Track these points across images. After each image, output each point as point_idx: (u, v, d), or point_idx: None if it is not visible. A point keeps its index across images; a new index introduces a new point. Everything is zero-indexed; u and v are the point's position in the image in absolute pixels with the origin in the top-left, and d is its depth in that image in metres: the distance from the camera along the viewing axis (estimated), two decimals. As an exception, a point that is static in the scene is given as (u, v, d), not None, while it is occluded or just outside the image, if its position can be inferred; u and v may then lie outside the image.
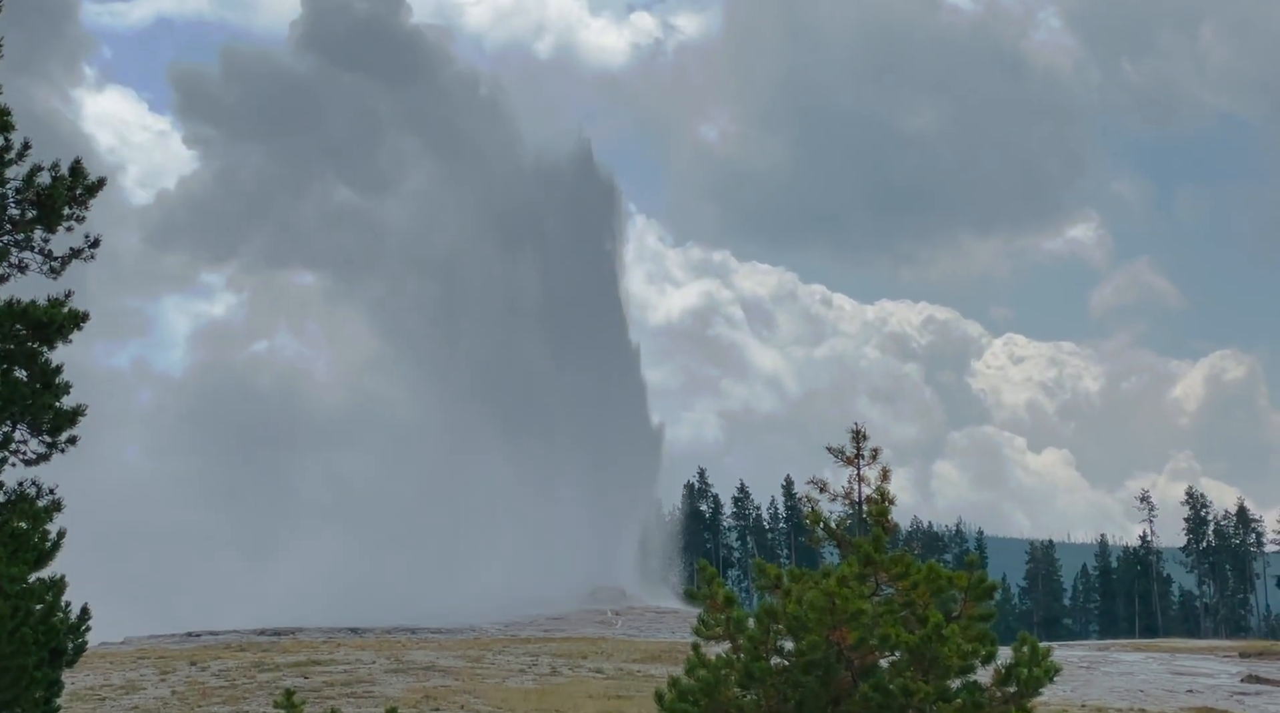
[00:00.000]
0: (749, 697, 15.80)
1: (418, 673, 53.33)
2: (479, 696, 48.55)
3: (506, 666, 56.84)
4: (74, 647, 15.75)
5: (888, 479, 17.10)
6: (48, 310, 16.82)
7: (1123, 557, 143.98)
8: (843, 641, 15.37)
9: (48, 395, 16.73)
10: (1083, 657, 66.86)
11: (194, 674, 53.00)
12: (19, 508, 15.42)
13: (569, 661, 59.33)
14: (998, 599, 16.76)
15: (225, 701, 47.33)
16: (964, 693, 15.31)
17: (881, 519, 16.56)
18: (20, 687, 14.23)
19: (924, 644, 15.16)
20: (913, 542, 17.91)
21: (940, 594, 16.03)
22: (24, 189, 17.16)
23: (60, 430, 16.98)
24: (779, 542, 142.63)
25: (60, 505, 16.31)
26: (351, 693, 48.33)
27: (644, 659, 60.76)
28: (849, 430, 17.37)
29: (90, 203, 17.47)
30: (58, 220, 17.35)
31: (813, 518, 17.12)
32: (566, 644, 67.64)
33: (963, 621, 15.90)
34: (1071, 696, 51.54)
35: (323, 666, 54.87)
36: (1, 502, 15.43)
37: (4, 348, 16.38)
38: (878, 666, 15.67)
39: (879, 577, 16.31)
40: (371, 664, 55.23)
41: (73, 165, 17.48)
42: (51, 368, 16.88)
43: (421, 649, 62.06)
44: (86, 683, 48.93)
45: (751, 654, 15.79)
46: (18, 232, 17.25)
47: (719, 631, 16.45)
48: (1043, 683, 15.48)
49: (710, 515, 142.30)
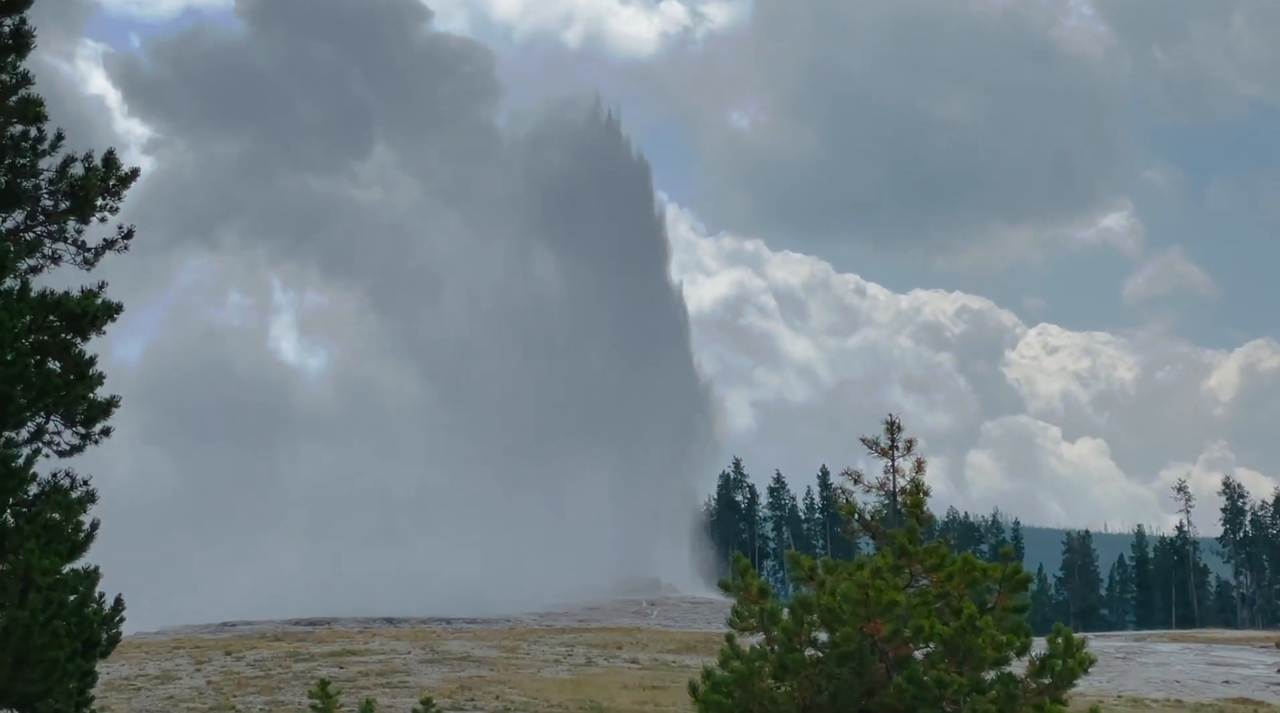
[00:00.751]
0: (783, 688, 15.75)
1: (453, 663, 53.43)
2: (514, 686, 48.60)
3: (541, 656, 56.88)
4: (108, 638, 15.77)
5: (923, 470, 17.03)
6: (81, 302, 16.84)
7: (1159, 547, 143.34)
8: (877, 632, 15.31)
9: (81, 387, 16.75)
10: (1119, 648, 66.57)
11: (229, 664, 53.18)
12: (52, 499, 15.43)
13: (604, 651, 59.36)
14: (1033, 590, 16.69)
15: (260, 690, 47.48)
16: (998, 685, 15.23)
17: (916, 511, 16.49)
18: (53, 679, 14.24)
19: (958, 636, 15.09)
20: (948, 533, 17.76)
21: (975, 586, 15.95)
22: (57, 180, 17.18)
23: (94, 422, 17.00)
24: (814, 532, 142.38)
25: (94, 497, 16.33)
26: (387, 683, 48.44)
27: (679, 650, 60.74)
28: (884, 422, 17.29)
29: (123, 193, 17.49)
30: (90, 211, 17.36)
31: (847, 510, 17.05)
32: (601, 635, 67.66)
33: (997, 612, 15.82)
34: (1108, 687, 51.32)
35: (358, 656, 55.00)
36: (35, 493, 15.45)
37: (38, 339, 16.40)
38: (912, 657, 15.60)
39: (914, 568, 16.24)
40: (407, 655, 55.34)
41: (106, 156, 17.49)
42: (85, 359, 16.90)
43: (457, 640, 62.15)
44: (122, 673, 49.14)
45: (785, 646, 15.74)
46: (51, 223, 17.27)
47: (753, 622, 16.41)
48: (1077, 675, 15.39)
49: (746, 506, 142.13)
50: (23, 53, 16.89)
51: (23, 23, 16.87)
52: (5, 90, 16.74)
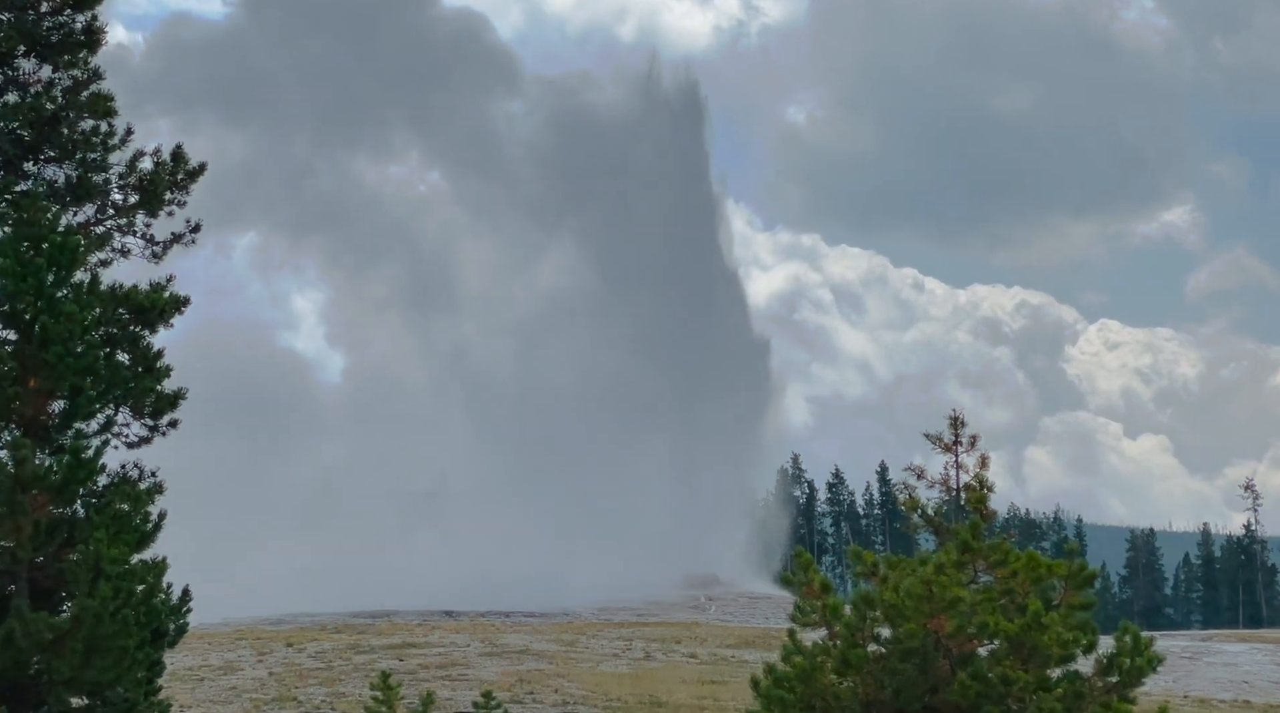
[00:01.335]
0: (845, 684, 15.71)
1: (512, 657, 53.58)
2: (573, 680, 48.69)
3: (600, 650, 56.96)
4: (175, 628, 15.90)
5: (986, 466, 16.95)
6: (149, 295, 17.00)
7: (1226, 546, 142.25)
8: (940, 629, 15.25)
9: (149, 379, 16.90)
10: (1185, 647, 66.10)
11: (290, 656, 53.50)
12: (121, 490, 15.57)
13: (663, 645, 59.38)
14: (1097, 588, 16.57)
15: (322, 682, 47.75)
16: (1065, 683, 15.15)
17: (980, 506, 16.42)
18: (122, 667, 14.37)
19: (1023, 633, 15.01)
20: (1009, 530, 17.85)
21: (1040, 583, 15.86)
22: (126, 174, 17.35)
23: (161, 414, 17.16)
24: (873, 528, 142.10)
25: (161, 488, 16.50)
26: (446, 676, 48.62)
27: (737, 645, 60.71)
28: (947, 417, 17.23)
29: (191, 188, 17.65)
30: (159, 205, 17.54)
31: (910, 505, 17.00)
32: (660, 629, 67.69)
33: (1063, 609, 15.73)
34: (1174, 687, 50.96)
35: (418, 648, 55.23)
36: (104, 484, 15.59)
37: (107, 332, 16.57)
38: (976, 654, 15.53)
39: (977, 564, 16.17)
40: (466, 648, 55.53)
41: (174, 151, 17.66)
42: (153, 352, 17.06)
43: (516, 633, 62.31)
44: (185, 664, 49.50)
45: (848, 641, 15.70)
46: (120, 217, 17.44)
47: (815, 617, 16.36)
48: (1145, 673, 15.28)
49: (804, 501, 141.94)
50: (94, 49, 17.06)
51: (94, 19, 17.05)
52: (77, 85, 16.92)
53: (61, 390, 14.81)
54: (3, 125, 16.89)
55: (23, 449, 14.36)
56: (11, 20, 16.89)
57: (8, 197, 16.76)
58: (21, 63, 17.13)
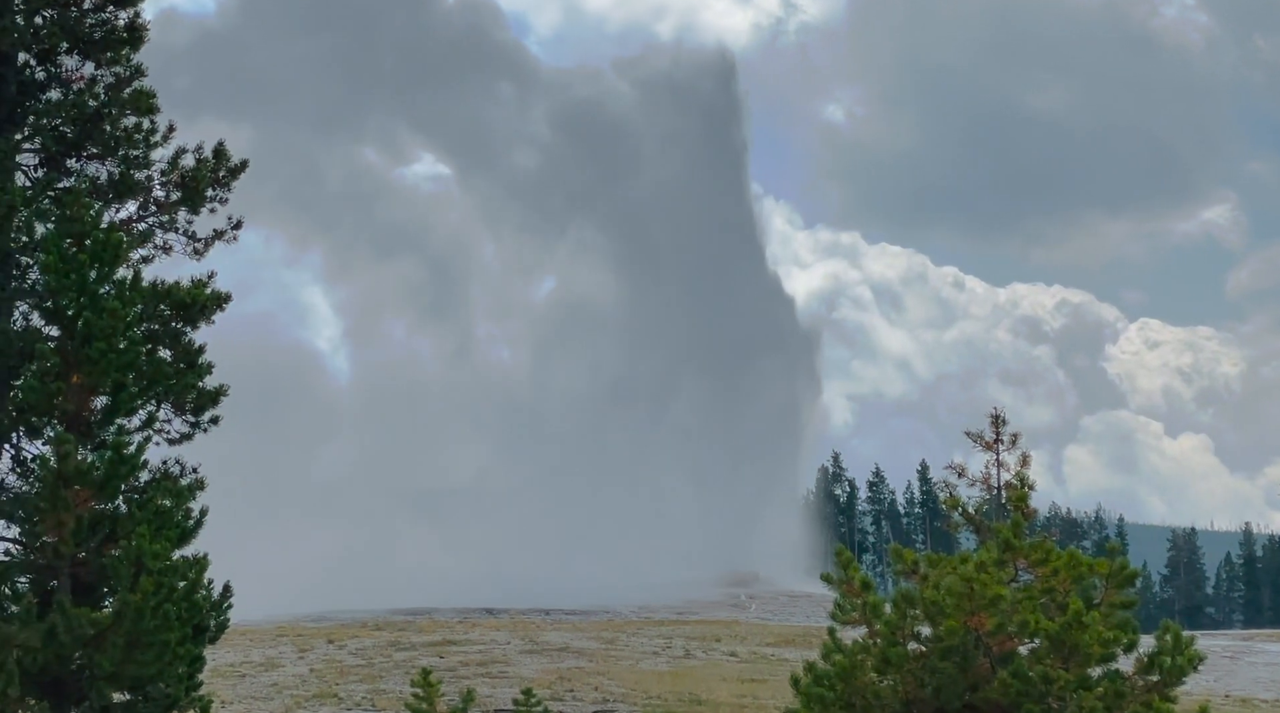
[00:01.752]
0: (885, 682, 15.67)
1: (552, 654, 53.62)
2: (613, 677, 48.71)
3: (640, 648, 56.96)
4: (216, 624, 15.95)
5: (1028, 465, 16.87)
6: (191, 291, 17.06)
7: (1268, 545, 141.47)
8: (981, 627, 15.19)
9: (191, 375, 16.96)
10: (1226, 647, 65.77)
11: (331, 653, 53.65)
12: (163, 486, 15.63)
13: (702, 643, 59.35)
14: (1138, 588, 16.47)
15: (362, 679, 47.88)
16: (1105, 682, 15.07)
17: (1021, 505, 16.35)
18: (163, 662, 14.42)
19: (1064, 632, 14.94)
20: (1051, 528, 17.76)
21: (1081, 581, 15.79)
22: (169, 171, 17.40)
23: (203, 410, 17.22)
24: (914, 527, 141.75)
25: (203, 484, 16.54)
26: (487, 673, 48.70)
27: (777, 643, 60.64)
28: (988, 415, 17.16)
29: (233, 184, 17.69)
30: (201, 202, 17.59)
31: (951, 503, 16.94)
32: (700, 627, 67.67)
33: (1104, 608, 15.65)
34: (1215, 686, 50.69)
35: (458, 646, 55.32)
36: (146, 480, 15.64)
37: (149, 328, 16.63)
38: (1016, 653, 15.47)
39: (1018, 563, 16.10)
40: (506, 645, 55.60)
41: (216, 148, 17.71)
42: (195, 348, 17.12)
43: (556, 631, 62.37)
44: (227, 660, 49.70)
45: (888, 640, 15.65)
46: (162, 213, 17.50)
47: (855, 615, 16.32)
48: (1186, 672, 15.19)
49: (845, 500, 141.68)
50: (137, 45, 17.11)
51: (136, 16, 17.10)
52: (119, 82, 16.98)
53: (104, 386, 14.88)
54: (45, 122, 16.97)
55: (65, 445, 14.43)
56: (54, 17, 16.97)
57: (51, 193, 16.84)
58: (64, 60, 17.20)
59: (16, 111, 17.08)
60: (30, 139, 17.07)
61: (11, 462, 16.39)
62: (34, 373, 14.98)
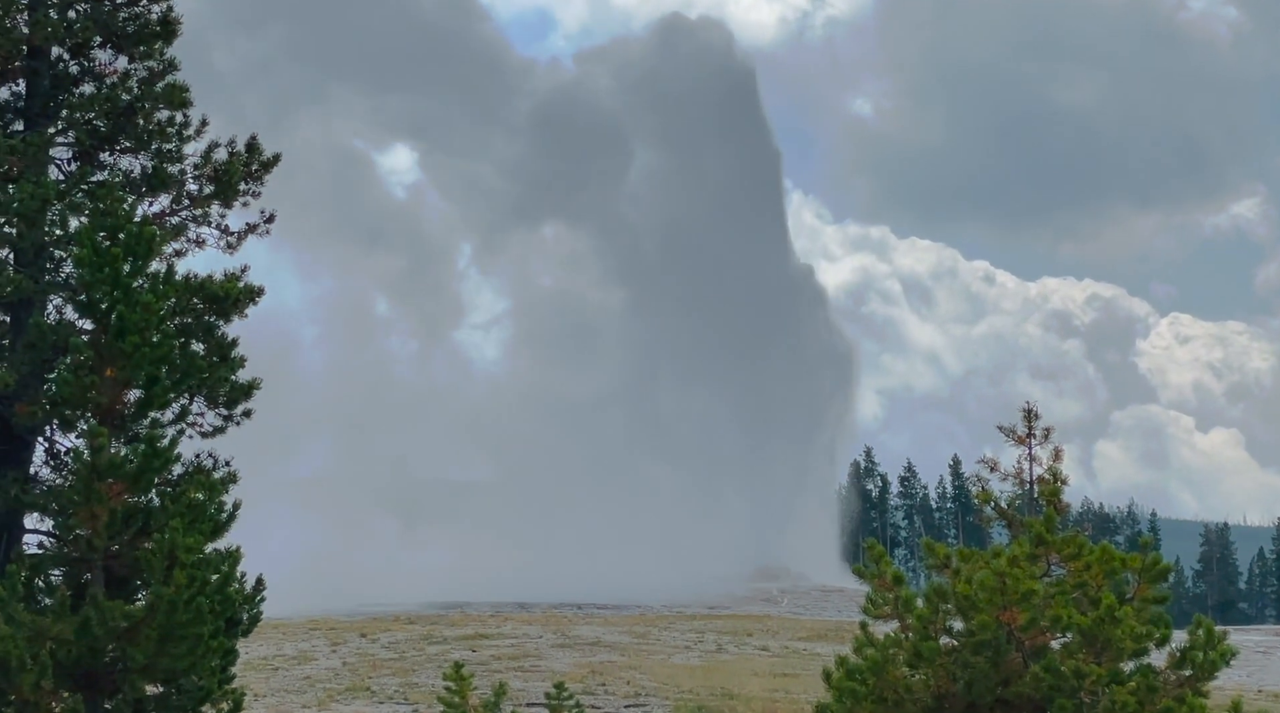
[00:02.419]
0: (917, 677, 15.65)
1: (584, 648, 53.65)
2: (645, 672, 48.71)
3: (672, 642, 56.97)
4: (249, 617, 16.01)
5: (1060, 459, 16.83)
6: (224, 285, 17.12)
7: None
8: (1013, 621, 15.16)
9: (224, 369, 17.02)
10: (1259, 642, 65.46)
11: (364, 646, 53.77)
12: (196, 479, 15.69)
13: (734, 638, 59.33)
14: (1171, 583, 16.41)
15: (395, 672, 47.97)
16: (1138, 676, 15.03)
17: (1054, 499, 16.31)
18: (197, 655, 14.48)
19: (1096, 626, 14.90)
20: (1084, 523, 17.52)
21: (1113, 576, 15.75)
22: (201, 165, 17.47)
23: (236, 403, 17.28)
24: (946, 521, 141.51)
25: (236, 477, 16.59)
26: (519, 667, 48.75)
27: (809, 638, 60.57)
28: (1020, 410, 17.12)
29: (266, 178, 17.75)
30: (234, 196, 17.65)
31: (983, 497, 16.91)
32: (732, 622, 67.62)
33: (1136, 603, 15.61)
34: (1248, 681, 50.49)
35: (490, 639, 55.39)
36: (179, 473, 15.71)
37: (182, 322, 16.69)
38: (1049, 647, 15.44)
39: (1050, 557, 16.06)
40: (538, 639, 55.65)
41: (249, 141, 17.77)
42: (227, 342, 17.18)
43: (588, 625, 62.40)
44: (260, 653, 49.82)
45: (920, 634, 15.63)
46: (195, 207, 17.57)
47: (887, 609, 16.30)
48: (1219, 667, 15.14)
49: (877, 495, 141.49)
50: (170, 39, 17.18)
51: (169, 10, 17.17)
52: (153, 76, 17.04)
53: (137, 380, 14.94)
54: (79, 116, 17.05)
55: (99, 438, 14.50)
56: (88, 11, 17.05)
57: (84, 187, 16.91)
58: (98, 53, 17.28)
59: (50, 105, 17.17)
60: (64, 133, 17.16)
61: (45, 455, 16.49)
62: (68, 366, 15.06)
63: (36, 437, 16.40)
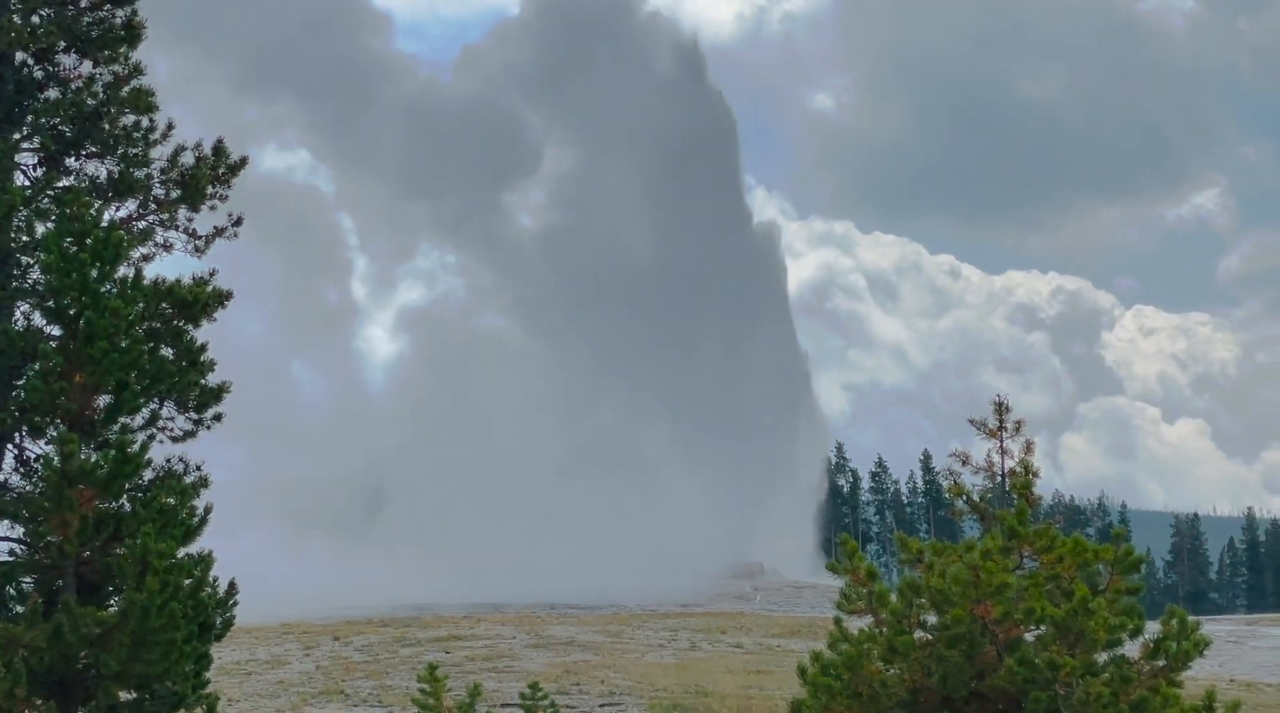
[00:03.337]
0: (892, 671, 15.67)
1: (558, 648, 53.63)
2: (619, 670, 48.71)
3: (646, 641, 56.99)
4: (222, 621, 15.97)
5: (1031, 452, 16.87)
6: (192, 289, 17.07)
7: (1271, 530, 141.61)
8: (987, 614, 15.19)
9: (194, 373, 16.97)
10: (1231, 631, 65.83)
11: (337, 649, 53.67)
12: (167, 484, 15.65)
13: (708, 636, 59.38)
14: (1143, 573, 16.47)
15: (369, 675, 47.87)
16: (1111, 667, 15.07)
17: (1025, 492, 16.35)
18: (170, 661, 14.44)
19: (1070, 618, 14.94)
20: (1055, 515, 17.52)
21: (1086, 568, 15.79)
22: (168, 169, 17.41)
23: (206, 407, 17.23)
24: (917, 516, 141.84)
25: (207, 481, 16.56)
26: (493, 668, 48.70)
27: (783, 634, 60.67)
28: (990, 402, 17.16)
29: (233, 182, 17.70)
30: (201, 199, 17.60)
31: (955, 491, 16.94)
32: (705, 619, 67.70)
33: (1109, 594, 15.65)
34: (1220, 670, 50.72)
35: (464, 641, 55.33)
36: (150, 479, 15.67)
37: (151, 326, 16.63)
38: (1022, 640, 15.47)
39: (1023, 550, 16.11)
40: (512, 639, 55.63)
41: (215, 144, 17.72)
42: (197, 346, 17.12)
43: (561, 625, 62.39)
44: (233, 658, 49.69)
45: (895, 628, 15.65)
46: (163, 211, 17.51)
47: (861, 604, 16.33)
48: (1192, 657, 15.20)
49: (848, 490, 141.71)
50: (134, 44, 17.13)
51: (134, 14, 17.11)
52: (118, 81, 16.98)
53: (107, 385, 14.89)
54: (44, 121, 16.98)
55: (69, 444, 14.44)
56: (51, 16, 16.97)
57: (50, 192, 16.84)
58: (62, 58, 17.21)
59: (15, 111, 17.09)
60: (29, 138, 17.07)
61: (15, 462, 16.41)
62: (36, 373, 14.99)
63: (6, 443, 16.33)
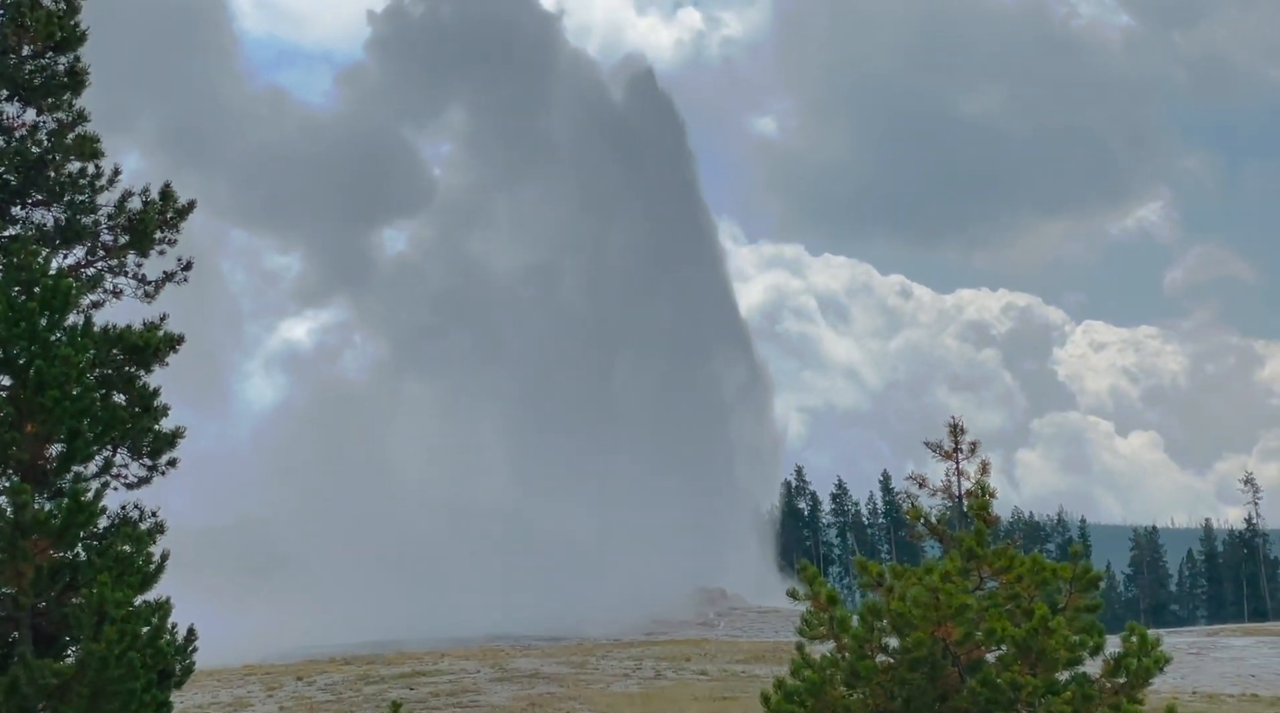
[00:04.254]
0: (855, 696, 15.70)
1: (522, 681, 53.45)
2: (584, 701, 48.59)
3: (610, 670, 56.85)
4: (182, 668, 15.85)
5: (987, 472, 16.95)
6: (143, 335, 16.97)
7: (1228, 540, 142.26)
8: (948, 636, 15.23)
9: (147, 419, 16.87)
10: (1192, 643, 66.07)
11: (300, 689, 53.36)
12: (122, 532, 15.55)
13: (673, 663, 59.27)
14: (1103, 589, 16.55)
15: (333, 714, 47.65)
16: (1073, 686, 15.13)
17: (983, 513, 16.41)
18: (130, 710, 14.33)
19: (1030, 638, 15.00)
20: (1015, 533, 17.63)
21: (1045, 586, 15.86)
22: (116, 215, 17.34)
23: (160, 453, 17.12)
24: (879, 537, 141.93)
25: (163, 528, 16.44)
26: (458, 703, 48.52)
27: (748, 660, 60.62)
28: (945, 424, 17.22)
29: (181, 226, 17.64)
30: (149, 244, 17.53)
31: (914, 514, 16.99)
32: (670, 647, 67.58)
33: (1069, 612, 15.72)
34: (1182, 683, 50.90)
35: (428, 676, 55.10)
36: (105, 526, 15.57)
37: (102, 373, 16.54)
38: (984, 660, 15.52)
39: (982, 571, 16.16)
40: (476, 674, 55.41)
41: (163, 189, 17.66)
42: (149, 392, 17.03)
43: (525, 657, 62.20)
44: (195, 702, 49.36)
45: (857, 653, 15.68)
46: (111, 257, 17.43)
47: (823, 630, 16.35)
48: (1153, 673, 15.28)
49: (809, 513, 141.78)
50: (78, 90, 17.07)
51: (77, 60, 17.05)
52: (63, 128, 16.91)
53: (59, 434, 14.79)
54: (-11, 171, 16.91)
55: (22, 495, 14.34)
56: (-6, 65, 16.92)
57: (-3, 242, 16.76)
58: (5, 107, 17.14)
59: (-41, 161, 17.01)
60: (-26, 188, 17.00)
61: (-33, 514, 16.28)
62: (-13, 423, 14.89)
63: (-42, 496, 16.20)
